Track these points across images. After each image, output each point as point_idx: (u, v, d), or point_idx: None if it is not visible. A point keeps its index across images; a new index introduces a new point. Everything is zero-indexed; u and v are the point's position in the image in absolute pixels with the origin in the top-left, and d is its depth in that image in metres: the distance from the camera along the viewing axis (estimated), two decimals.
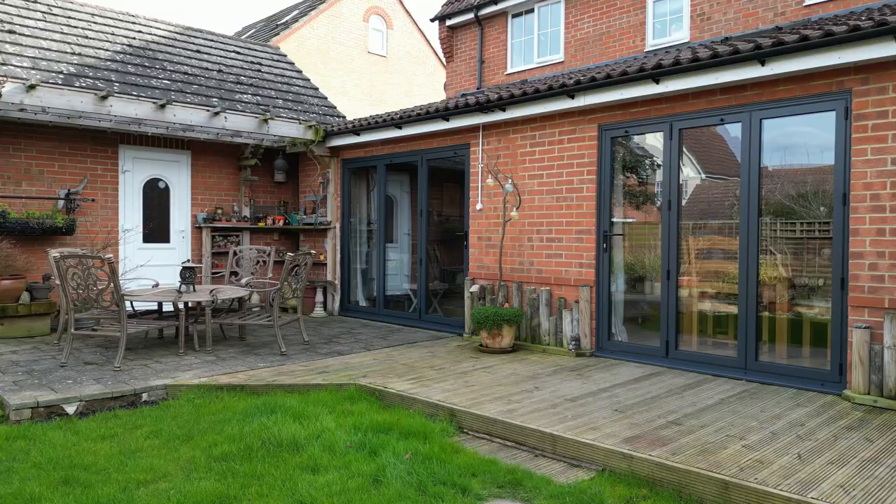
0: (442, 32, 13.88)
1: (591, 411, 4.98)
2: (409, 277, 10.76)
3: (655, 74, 6.25)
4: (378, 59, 21.03)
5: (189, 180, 10.56)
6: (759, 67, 5.67)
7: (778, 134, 6.01)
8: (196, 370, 6.48)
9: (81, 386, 5.78)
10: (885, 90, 5.22)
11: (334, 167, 10.57)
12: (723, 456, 3.99)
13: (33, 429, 4.98)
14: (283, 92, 11.97)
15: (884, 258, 5.24)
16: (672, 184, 6.57)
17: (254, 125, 9.50)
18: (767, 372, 5.91)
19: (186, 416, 5.31)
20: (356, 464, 4.19)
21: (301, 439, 4.59)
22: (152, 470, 4.21)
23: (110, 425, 5.11)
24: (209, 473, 4.14)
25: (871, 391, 5.21)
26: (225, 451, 4.45)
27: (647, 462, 3.94)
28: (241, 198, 11.00)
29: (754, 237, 6.01)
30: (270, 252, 9.08)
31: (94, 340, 7.95)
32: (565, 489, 3.86)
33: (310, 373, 6.40)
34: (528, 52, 12.50)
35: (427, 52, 22.57)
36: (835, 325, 5.58)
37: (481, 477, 4.04)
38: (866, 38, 5.04)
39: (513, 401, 5.29)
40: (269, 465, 4.22)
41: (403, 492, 3.80)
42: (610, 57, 11.10)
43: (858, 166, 5.37)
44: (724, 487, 3.60)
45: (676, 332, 6.57)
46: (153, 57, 10.78)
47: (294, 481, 3.95)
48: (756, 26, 9.36)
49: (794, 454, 4.01)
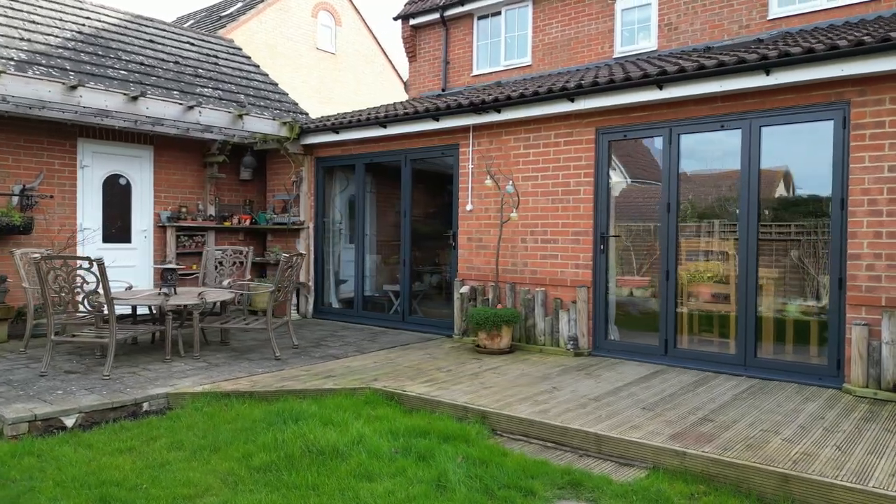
0: (405, 32, 13.77)
1: (620, 410, 5.07)
2: (373, 279, 10.61)
3: (660, 81, 6.42)
4: (327, 56, 20.65)
5: (151, 177, 10.02)
6: (763, 77, 5.93)
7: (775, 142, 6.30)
8: (193, 377, 6.16)
9: (75, 397, 5.39)
10: (882, 101, 5.57)
11: (308, 165, 10.30)
12: (770, 450, 4.14)
13: (37, 444, 4.60)
14: (244, 87, 11.58)
15: (881, 259, 5.59)
16: (671, 187, 6.77)
17: (228, 121, 9.12)
18: (767, 368, 6.18)
19: (201, 425, 5.04)
20: (411, 469, 4.10)
21: (342, 446, 4.44)
22: (192, 484, 3.97)
23: (122, 438, 4.79)
24: (258, 486, 3.94)
25: (869, 384, 5.54)
26: (266, 462, 4.25)
27: (702, 458, 4.04)
28: (206, 196, 10.54)
29: (753, 239, 6.28)
30: (248, 253, 8.75)
31: (63, 347, 7.43)
32: (627, 488, 3.91)
33: (315, 378, 6.21)
34: (495, 54, 12.58)
35: (376, 50, 22.35)
36: (832, 322, 5.90)
37: (539, 479, 4.03)
38: (869, 53, 5.36)
39: (539, 401, 5.31)
40: (320, 474, 4.06)
41: (471, 497, 3.75)
42: (578, 62, 11.32)
43: (857, 173, 5.71)
44: (784, 480, 3.74)
45: (675, 330, 6.77)
46: (106, 46, 10.20)
47: (354, 490, 3.82)
48: (721, 38, 9.78)
49: (833, 446, 4.22)
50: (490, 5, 12.46)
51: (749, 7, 9.59)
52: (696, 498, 3.83)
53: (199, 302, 6.93)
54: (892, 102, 5.53)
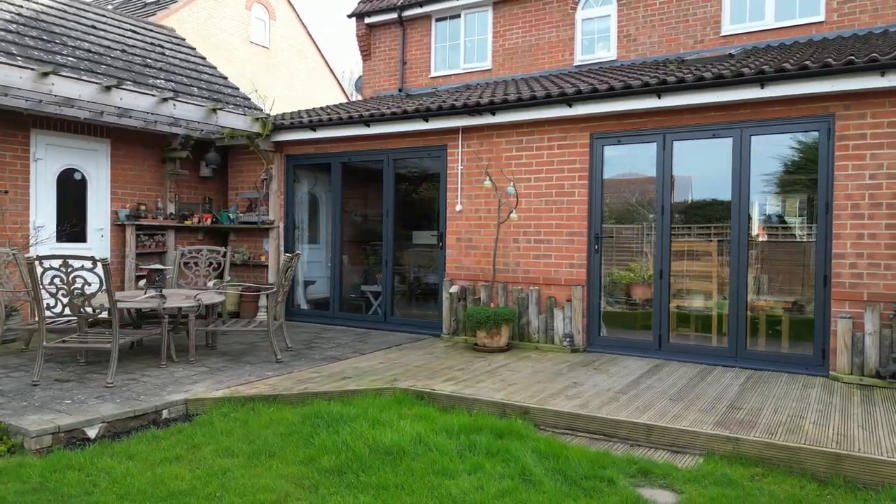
0: (360, 30, 13.65)
1: (651, 401, 5.33)
2: (349, 280, 10.48)
3: (660, 90, 6.79)
4: (260, 51, 20.06)
5: (108, 172, 9.43)
6: (758, 89, 6.40)
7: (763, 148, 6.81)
8: (202, 382, 5.90)
9: (88, 406, 5.05)
10: (865, 116, 6.17)
11: (278, 163, 10.02)
12: (809, 433, 4.51)
13: (72, 457, 4.29)
14: (195, 79, 11.11)
15: (862, 258, 6.18)
16: (665, 191, 7.16)
17: (202, 115, 8.73)
18: (757, 359, 6.67)
19: (239, 431, 4.86)
20: (488, 465, 4.16)
21: (406, 445, 4.43)
22: (267, 489, 3.86)
23: (161, 446, 4.54)
24: (339, 488, 3.88)
25: (854, 371, 6.11)
26: (335, 464, 4.19)
27: (755, 443, 4.35)
28: (165, 193, 10.03)
29: (744, 239, 6.76)
30: (226, 253, 8.42)
31: (34, 355, 6.87)
32: (695, 473, 4.15)
33: (330, 380, 6.11)
34: (454, 57, 12.71)
35: (310, 46, 21.93)
36: (818, 316, 6.46)
37: (609, 469, 4.19)
38: (857, 71, 5.92)
39: (571, 396, 5.49)
40: (397, 473, 4.04)
41: (559, 488, 3.87)
42: (539, 68, 11.65)
43: (841, 179, 6.28)
44: (836, 459, 4.10)
45: (668, 326, 7.17)
46: (49, 30, 9.50)
47: (445, 488, 3.84)
48: (678, 51, 10.38)
49: (858, 427, 4.65)
50: (449, 8, 12.57)
51: (703, 24, 10.23)
52: (756, 479, 4.13)
53: (195, 304, 6.62)
54: (873, 117, 6.13)
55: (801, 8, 9.66)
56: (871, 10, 9.08)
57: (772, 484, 4.04)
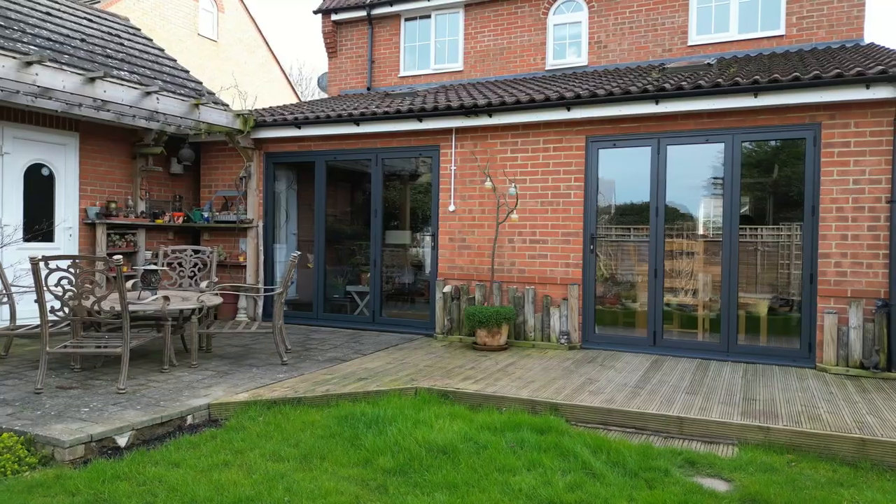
0: (326, 26, 13.47)
1: (670, 395, 5.56)
2: (331, 280, 10.34)
3: (658, 96, 7.07)
4: (208, 43, 19.45)
5: (77, 168, 8.96)
6: (752, 98, 6.77)
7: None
8: (217, 386, 5.74)
9: (110, 413, 4.83)
10: (849, 125, 6.63)
11: (257, 160, 9.77)
12: (827, 420, 4.83)
13: (113, 467, 4.10)
14: (158, 72, 10.70)
15: (846, 258, 6.64)
16: (659, 193, 7.45)
17: (184, 110, 8.40)
18: (748, 353, 7.06)
19: (276, 434, 4.77)
20: (546, 461, 4.25)
21: (458, 444, 4.47)
22: (334, 492, 3.82)
23: (203, 453, 4.41)
24: (408, 487, 3.89)
25: (839, 363, 6.57)
26: (394, 465, 4.18)
27: (786, 432, 4.63)
28: (135, 190, 9.61)
29: (735, 243, 7.13)
30: (212, 253, 8.15)
31: (15, 361, 6.48)
32: (737, 461, 4.38)
33: (346, 381, 6.05)
34: (424, 57, 12.74)
35: (258, 40, 21.41)
36: (805, 312, 6.89)
37: (659, 460, 4.37)
38: (845, 84, 6.37)
39: (593, 391, 5.66)
40: (460, 472, 4.07)
41: (622, 480, 4.01)
42: (510, 72, 11.85)
43: (826, 184, 6.73)
44: (862, 443, 4.43)
45: (662, 323, 7.47)
46: (5, 16, 8.97)
47: (512, 484, 3.91)
48: (647, 59, 10.80)
49: (867, 413, 5.02)
50: (419, 8, 12.60)
51: (672, 33, 10.68)
52: (793, 465, 4.39)
53: (199, 306, 6.41)
54: (856, 126, 6.60)
55: (763, 22, 10.24)
56: (827, 27, 9.72)
57: (807, 469, 4.31)
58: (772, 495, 3.82)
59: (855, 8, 9.63)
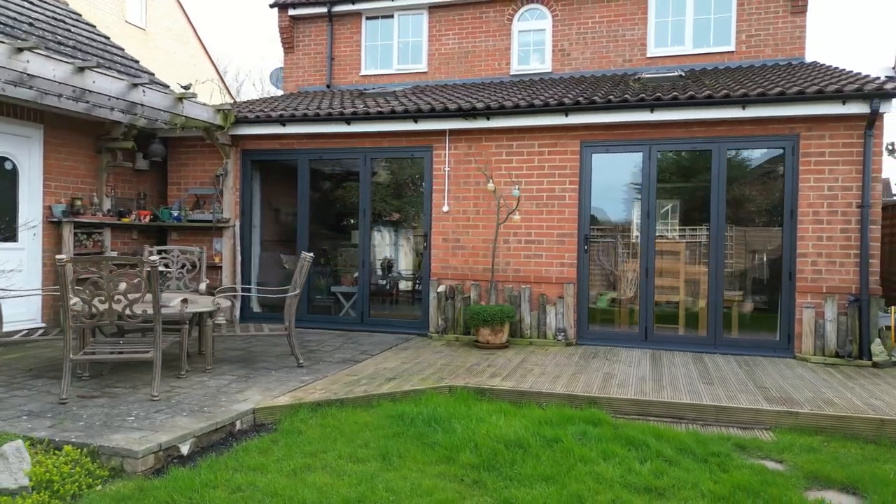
0: (282, 21, 13.18)
1: (690, 385, 5.95)
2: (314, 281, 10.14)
3: (653, 105, 7.49)
4: (137, 32, 18.47)
5: (41, 162, 8.34)
6: (740, 110, 7.32)
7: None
8: (248, 391, 5.60)
9: (159, 421, 4.63)
10: (824, 137, 7.31)
11: (234, 158, 9.45)
12: (841, 404, 5.35)
13: (194, 476, 3.96)
14: (111, 61, 10.17)
15: (822, 257, 7.32)
16: (651, 196, 7.89)
17: (168, 103, 8.01)
18: (733, 346, 7.61)
19: (338, 435, 4.74)
20: (619, 451, 4.47)
21: (527, 438, 4.62)
22: (437, 489, 3.88)
23: (277, 457, 4.32)
24: (504, 482, 4.00)
25: (817, 353, 7.23)
26: (479, 460, 4.28)
27: (813, 415, 5.10)
28: (101, 187, 9.05)
29: (721, 243, 7.68)
30: (201, 254, 7.83)
31: (6, 369, 6.01)
32: (780, 444, 4.78)
33: (374, 381, 6.05)
34: (387, 57, 12.72)
35: (189, 32, 20.52)
36: (784, 306, 7.52)
37: (715, 445, 4.69)
38: (825, 100, 7.02)
39: (620, 385, 5.95)
40: (542, 464, 4.22)
41: (697, 466, 4.29)
42: (475, 75, 12.07)
43: (804, 190, 7.38)
44: (881, 423, 4.95)
45: (653, 320, 7.91)
46: None
47: (603, 473, 4.10)
48: (609, 68, 11.33)
49: (870, 396, 5.60)
50: (381, 8, 12.58)
51: (632, 45, 11.26)
52: (826, 445, 4.85)
53: (214, 309, 6.19)
54: (830, 137, 7.28)
55: (715, 38, 11.00)
56: (773, 45, 10.59)
57: (840, 448, 4.78)
58: (829, 471, 4.23)
59: (797, 29, 10.54)
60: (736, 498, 3.78)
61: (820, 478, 4.18)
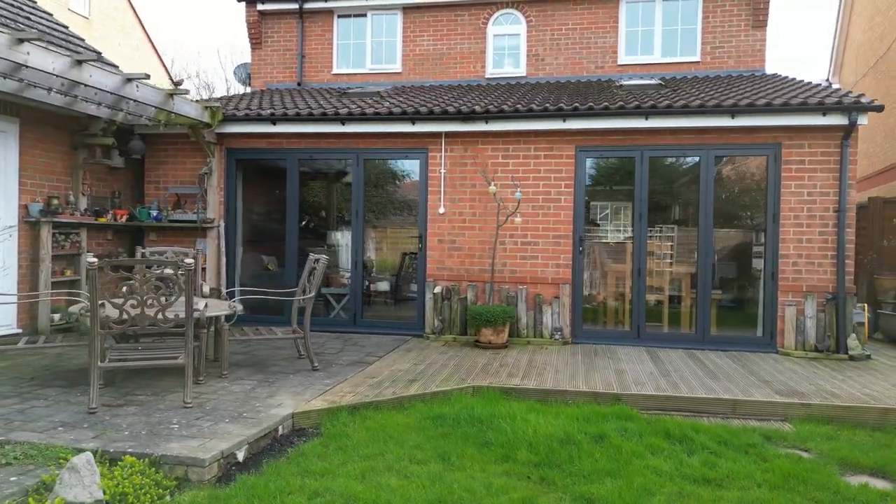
0: (251, 16, 12.90)
1: (700, 380, 6.26)
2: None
3: (648, 113, 7.80)
4: (80, 21, 17.61)
5: (17, 159, 7.89)
6: (729, 119, 7.73)
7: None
8: (277, 395, 5.52)
9: (206, 428, 4.53)
10: (804, 145, 7.81)
11: (218, 156, 9.19)
12: (844, 395, 5.78)
13: (257, 482, 3.91)
14: (53, 36, 9.71)
15: (802, 258, 7.82)
16: (643, 199, 8.20)
17: (160, 99, 7.71)
18: (718, 342, 8.03)
19: (386, 438, 4.76)
20: (665, 445, 4.68)
21: (575, 435, 4.77)
22: (507, 488, 3.98)
23: (335, 462, 4.31)
24: (570, 478, 4.13)
25: (797, 348, 7.73)
26: (538, 458, 4.40)
27: (824, 406, 5.48)
28: (77, 185, 8.63)
29: (710, 245, 8.08)
30: (197, 255, 7.59)
31: (12, 378, 5.70)
32: (800, 435, 5.12)
33: (397, 383, 6.08)
34: (360, 56, 12.65)
35: (134, 23, 19.73)
36: (767, 304, 7.99)
37: (746, 437, 4.98)
38: (807, 111, 7.50)
39: (636, 382, 6.20)
40: (598, 460, 4.38)
41: (739, 455, 4.56)
42: (450, 77, 12.18)
43: (786, 196, 7.87)
44: (884, 412, 5.38)
45: (645, 319, 8.24)
46: None
47: (658, 466, 4.30)
48: (581, 73, 11.68)
49: (863, 386, 6.05)
50: (354, 7, 12.50)
51: (603, 52, 11.64)
52: (836, 433, 5.23)
53: (230, 312, 6.05)
54: (810, 146, 7.79)
55: (682, 48, 11.50)
56: (736, 56, 11.18)
57: (852, 435, 5.16)
58: (856, 458, 4.57)
59: (758, 42, 11.17)
60: (790, 485, 4.05)
61: (849, 464, 4.52)
